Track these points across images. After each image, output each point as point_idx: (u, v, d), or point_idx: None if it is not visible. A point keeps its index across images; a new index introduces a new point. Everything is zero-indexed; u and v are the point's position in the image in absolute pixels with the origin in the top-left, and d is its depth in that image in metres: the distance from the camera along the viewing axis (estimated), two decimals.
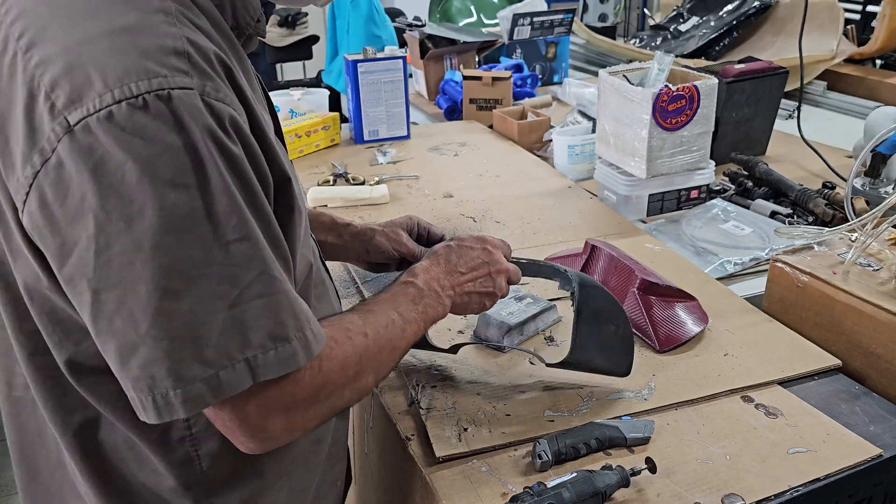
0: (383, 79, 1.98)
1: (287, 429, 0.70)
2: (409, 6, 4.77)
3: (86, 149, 0.57)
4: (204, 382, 0.61)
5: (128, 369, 0.61)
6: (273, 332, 0.64)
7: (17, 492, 0.88)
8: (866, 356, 1.06)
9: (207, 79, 0.61)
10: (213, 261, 0.60)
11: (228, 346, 0.61)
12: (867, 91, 2.29)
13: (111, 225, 0.58)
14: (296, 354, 0.65)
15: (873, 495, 0.92)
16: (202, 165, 0.59)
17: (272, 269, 0.64)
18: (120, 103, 0.57)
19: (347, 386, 0.74)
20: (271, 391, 0.66)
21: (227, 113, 0.62)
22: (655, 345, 1.09)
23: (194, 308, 0.60)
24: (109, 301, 0.60)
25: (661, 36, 2.87)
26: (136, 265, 0.58)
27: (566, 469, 0.86)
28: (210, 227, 0.60)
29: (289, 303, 0.66)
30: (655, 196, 1.56)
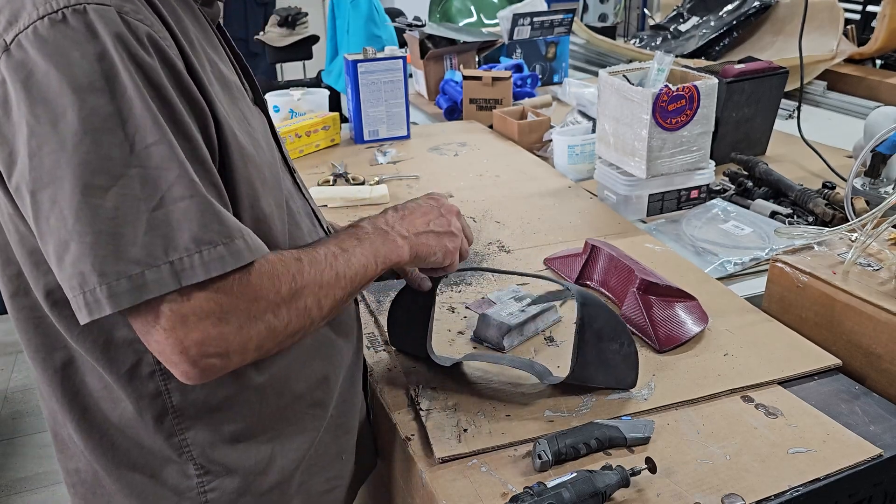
0: (383, 79, 1.98)
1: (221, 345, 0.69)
2: (409, 6, 4.77)
3: (19, 63, 0.64)
4: (129, 280, 0.64)
5: (62, 268, 0.65)
6: (197, 235, 0.66)
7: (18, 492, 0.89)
8: (866, 356, 1.06)
9: (127, 1, 0.67)
10: (132, 162, 0.64)
11: (152, 246, 0.64)
12: (867, 91, 2.29)
13: (40, 128, 0.63)
14: (222, 258, 0.67)
15: (873, 495, 0.92)
16: (116, 72, 0.64)
17: (191, 173, 0.67)
18: (42, 19, 0.63)
19: (283, 305, 0.73)
20: (198, 298, 0.67)
21: (144, 30, 0.67)
22: (655, 345, 1.09)
23: (118, 205, 0.64)
24: (44, 201, 0.64)
25: (661, 36, 2.87)
26: (62, 163, 0.63)
27: (566, 469, 0.86)
28: (127, 129, 0.64)
29: (214, 210, 0.67)
30: (655, 196, 1.56)
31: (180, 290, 0.66)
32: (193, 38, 0.74)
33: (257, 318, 0.71)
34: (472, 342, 1.12)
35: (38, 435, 2.64)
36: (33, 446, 2.59)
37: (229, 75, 0.81)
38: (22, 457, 2.54)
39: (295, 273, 0.75)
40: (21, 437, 2.64)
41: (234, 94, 0.80)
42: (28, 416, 2.75)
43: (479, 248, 1.43)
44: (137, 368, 0.77)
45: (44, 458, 2.53)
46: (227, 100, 0.77)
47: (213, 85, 0.75)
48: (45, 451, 2.56)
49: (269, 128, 0.89)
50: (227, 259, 0.67)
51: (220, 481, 0.83)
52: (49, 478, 2.45)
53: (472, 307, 1.21)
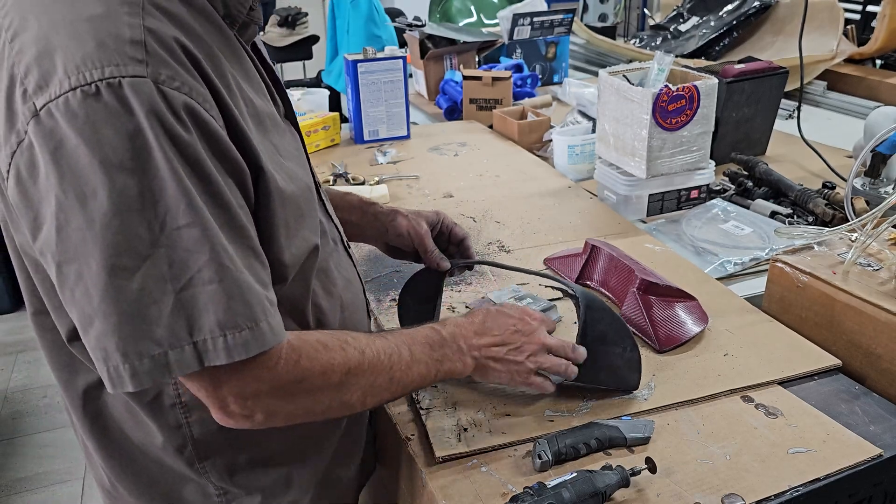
0: (383, 79, 1.98)
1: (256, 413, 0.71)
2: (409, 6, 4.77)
3: (48, 132, 0.61)
4: (151, 360, 0.64)
5: (87, 339, 0.65)
6: (222, 319, 0.65)
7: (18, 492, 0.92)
8: (866, 356, 1.06)
9: (163, 67, 0.64)
10: (161, 243, 0.63)
11: (176, 327, 0.64)
12: (867, 91, 2.29)
13: (68, 203, 0.62)
14: (246, 344, 0.66)
15: (873, 495, 0.92)
16: (149, 151, 0.62)
17: (223, 258, 0.66)
18: (75, 90, 0.61)
19: (328, 392, 0.75)
20: (243, 374, 0.68)
21: (182, 101, 0.64)
22: (655, 345, 1.09)
23: (144, 287, 0.63)
24: (70, 274, 0.64)
25: (661, 36, 2.87)
26: (89, 242, 0.62)
27: (566, 469, 0.86)
28: (158, 210, 0.63)
29: (241, 292, 0.67)
30: (655, 196, 1.56)
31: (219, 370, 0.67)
32: (230, 79, 0.72)
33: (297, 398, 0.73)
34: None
35: (38, 435, 2.64)
36: (33, 446, 2.59)
37: (262, 106, 0.78)
38: (22, 457, 2.54)
39: (351, 367, 0.76)
40: (21, 437, 2.64)
41: (266, 127, 0.78)
42: (28, 416, 2.75)
43: (479, 248, 1.43)
44: (159, 399, 0.78)
45: (44, 458, 2.53)
46: (261, 137, 0.75)
47: (252, 129, 0.73)
48: (45, 451, 2.56)
49: (300, 143, 0.87)
50: (251, 344, 0.67)
51: (240, 501, 0.85)
52: (49, 478, 2.45)
53: (473, 307, 1.21)
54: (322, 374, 0.73)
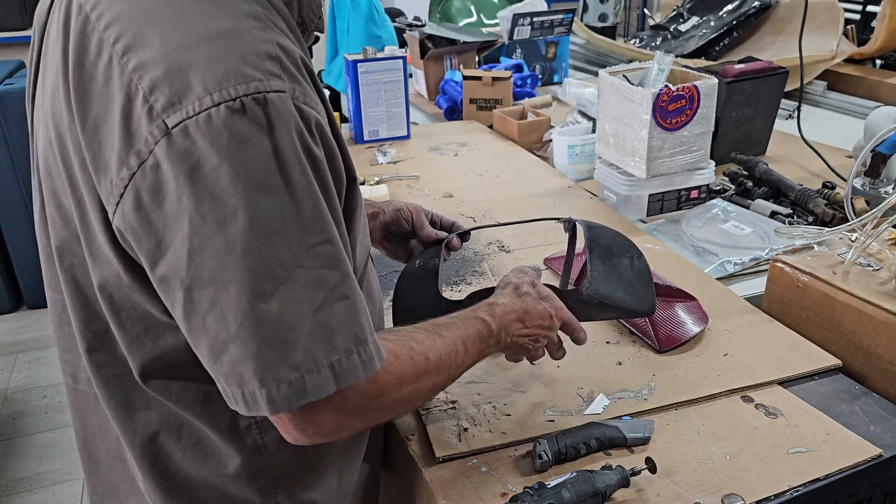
0: (383, 79, 1.98)
1: (335, 429, 0.70)
2: (409, 6, 4.77)
3: (183, 152, 0.58)
4: (289, 386, 0.61)
5: (219, 365, 0.63)
6: (356, 335, 0.64)
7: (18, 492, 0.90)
8: (866, 356, 1.06)
9: (296, 83, 0.62)
10: (300, 264, 0.61)
11: (315, 350, 0.62)
12: (867, 91, 2.29)
13: (205, 227, 0.59)
14: (372, 358, 0.66)
15: (873, 495, 0.92)
16: (291, 170, 0.60)
17: (350, 272, 0.65)
18: (219, 106, 0.57)
19: (401, 402, 0.74)
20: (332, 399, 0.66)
21: (314, 117, 0.63)
22: (655, 345, 1.09)
23: (282, 310, 0.61)
24: (203, 300, 0.61)
25: (661, 36, 2.87)
26: (228, 266, 0.59)
27: (566, 469, 0.86)
28: (298, 230, 0.61)
29: (363, 306, 0.66)
30: (655, 196, 1.56)
31: None
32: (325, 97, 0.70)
33: (375, 411, 0.72)
34: None
35: (38, 435, 2.64)
36: (33, 446, 2.59)
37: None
38: (22, 457, 2.54)
39: (421, 375, 0.75)
40: (21, 437, 2.64)
41: None
42: (28, 416, 2.75)
43: (479, 247, 1.43)
44: (235, 422, 0.76)
45: (44, 458, 2.53)
46: None
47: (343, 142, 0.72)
48: (45, 451, 2.56)
49: None
50: (375, 358, 0.66)
51: None
52: (49, 478, 2.45)
53: None
54: (396, 386, 0.72)
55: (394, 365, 0.71)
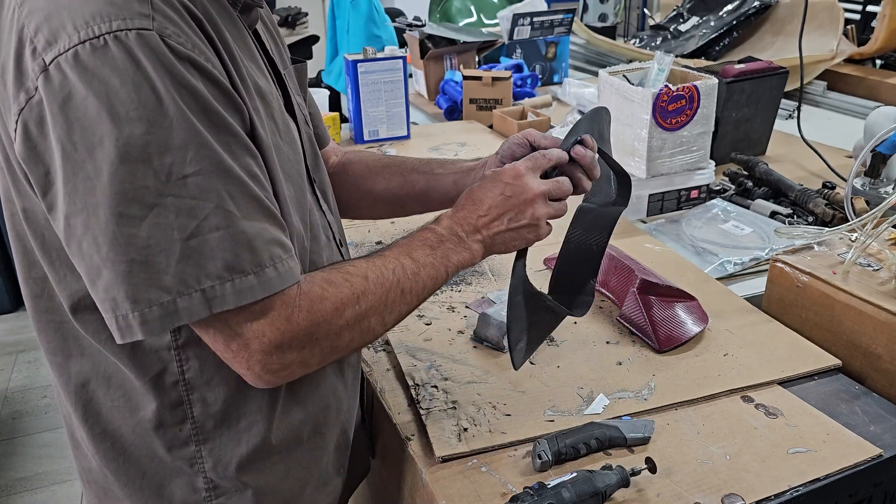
0: (383, 79, 1.98)
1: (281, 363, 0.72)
2: (409, 6, 4.77)
3: (57, 86, 0.63)
4: (161, 308, 0.65)
5: (95, 291, 0.67)
6: (229, 264, 0.67)
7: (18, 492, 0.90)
8: (866, 356, 1.06)
9: (169, 23, 0.66)
10: (168, 192, 0.64)
11: (185, 274, 0.65)
12: (867, 91, 2.29)
13: (76, 154, 0.63)
14: (252, 288, 0.68)
15: (873, 495, 0.92)
16: (158, 100, 0.63)
17: (228, 204, 0.67)
18: (84, 43, 0.63)
19: (347, 328, 0.75)
20: (262, 326, 0.69)
21: (186, 55, 0.66)
22: (655, 345, 1.09)
23: (151, 235, 0.64)
24: (77, 226, 0.65)
25: (661, 36, 2.87)
26: (97, 191, 0.63)
27: (566, 469, 0.86)
28: (164, 159, 0.64)
29: (247, 238, 0.68)
30: (655, 196, 1.56)
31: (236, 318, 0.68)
32: (233, 49, 0.74)
33: (320, 340, 0.74)
34: (472, 342, 1.12)
35: (38, 435, 2.64)
36: (33, 446, 2.59)
37: (265, 86, 0.80)
38: (22, 457, 2.54)
39: (360, 295, 0.76)
40: (21, 437, 2.64)
41: (271, 106, 0.80)
42: (28, 416, 2.75)
43: None
44: (162, 377, 0.78)
45: (44, 458, 2.53)
46: (266, 115, 0.77)
47: (254, 100, 0.75)
48: (45, 451, 2.56)
49: (297, 135, 0.88)
50: (257, 288, 0.68)
51: (227, 498, 0.83)
52: (49, 478, 2.45)
53: (472, 307, 1.21)
54: (335, 312, 0.74)
55: (328, 291, 0.74)
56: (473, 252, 0.86)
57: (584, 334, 1.13)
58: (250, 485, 0.84)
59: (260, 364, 0.71)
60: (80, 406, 0.81)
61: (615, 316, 1.17)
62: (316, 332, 0.73)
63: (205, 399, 0.79)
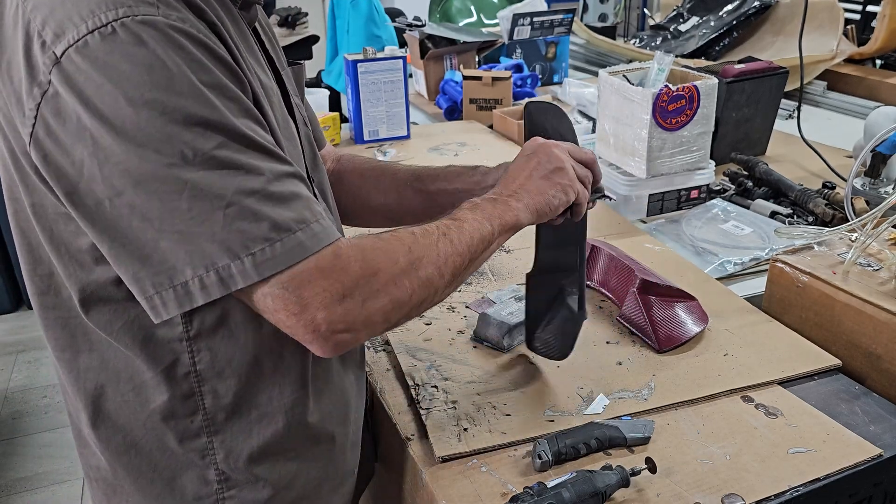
0: (383, 79, 1.98)
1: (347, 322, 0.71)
2: (409, 6, 4.77)
3: (71, 76, 0.64)
4: (216, 273, 0.66)
5: (149, 265, 0.67)
6: (274, 224, 0.68)
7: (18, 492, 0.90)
8: (866, 356, 1.06)
9: (173, 10, 0.67)
10: (196, 166, 0.65)
11: (230, 241, 0.66)
12: (867, 91, 2.29)
13: (103, 140, 0.64)
14: (302, 244, 0.68)
15: (873, 495, 0.92)
16: (171, 80, 0.65)
17: (257, 169, 0.68)
18: (92, 32, 0.64)
19: (404, 275, 0.75)
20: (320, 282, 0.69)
21: (194, 34, 0.67)
22: (655, 345, 1.09)
23: (191, 207, 0.65)
24: (123, 206, 0.66)
25: (661, 36, 2.87)
26: (132, 173, 0.65)
27: (566, 469, 0.86)
28: (187, 135, 0.65)
29: (284, 198, 0.69)
30: (655, 196, 1.56)
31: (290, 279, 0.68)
32: (232, 45, 0.75)
33: (380, 291, 0.73)
34: (473, 342, 1.12)
35: (38, 435, 2.64)
36: (33, 446, 2.59)
37: (266, 81, 0.81)
38: (22, 457, 2.54)
39: (411, 244, 0.77)
40: (21, 437, 2.64)
41: (271, 100, 0.80)
42: (28, 416, 2.75)
43: None
44: (174, 368, 0.78)
45: (44, 458, 2.53)
46: (266, 103, 0.78)
47: (257, 89, 0.76)
48: (45, 451, 2.56)
49: (296, 133, 0.89)
50: (306, 243, 0.69)
51: (239, 491, 0.83)
52: (49, 478, 2.45)
53: (472, 306, 1.21)
54: (389, 259, 0.74)
55: (377, 243, 0.75)
56: (512, 207, 0.87)
57: (584, 334, 1.13)
58: (263, 478, 0.84)
59: (326, 322, 0.70)
60: (91, 401, 0.81)
61: (615, 316, 1.17)
62: (374, 281, 0.72)
63: (216, 391, 0.80)
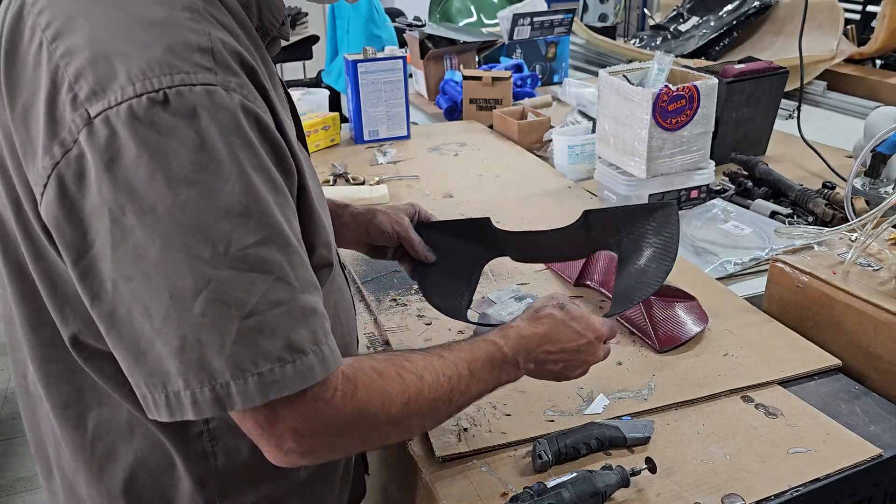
0: (383, 79, 1.98)
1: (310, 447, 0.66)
2: (409, 6, 4.77)
3: (104, 141, 0.57)
4: (212, 391, 0.59)
5: (143, 363, 0.60)
6: (290, 343, 0.61)
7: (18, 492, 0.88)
8: (866, 356, 1.06)
9: (232, 75, 0.60)
10: (226, 264, 0.58)
11: (240, 356, 0.59)
12: (867, 91, 2.29)
13: (125, 219, 0.57)
14: (312, 368, 0.62)
15: (873, 495, 0.92)
16: (219, 163, 0.58)
17: (290, 277, 0.62)
18: (140, 97, 0.56)
19: (391, 424, 0.70)
20: (301, 408, 0.63)
21: (252, 110, 0.61)
22: (655, 345, 1.09)
23: (205, 311, 0.58)
24: (126, 293, 0.59)
25: (661, 36, 2.87)
26: (148, 261, 0.57)
27: (566, 469, 0.86)
28: (224, 227, 0.58)
29: (305, 314, 0.63)
30: (655, 196, 1.56)
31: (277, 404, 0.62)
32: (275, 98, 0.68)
33: (359, 433, 0.69)
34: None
35: None
36: None
37: (288, 121, 0.73)
38: (22, 457, 2.54)
39: (412, 396, 0.71)
40: (21, 437, 2.64)
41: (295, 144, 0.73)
42: None
43: None
44: (185, 427, 0.73)
45: None
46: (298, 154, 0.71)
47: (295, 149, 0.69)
48: None
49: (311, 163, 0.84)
50: (317, 369, 0.62)
51: None
52: None
53: (472, 306, 1.21)
54: (381, 406, 0.68)
55: (376, 381, 0.68)
56: (519, 375, 0.85)
57: None
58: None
59: (290, 443, 0.64)
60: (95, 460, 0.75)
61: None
62: (355, 422, 0.67)
63: (229, 448, 0.75)
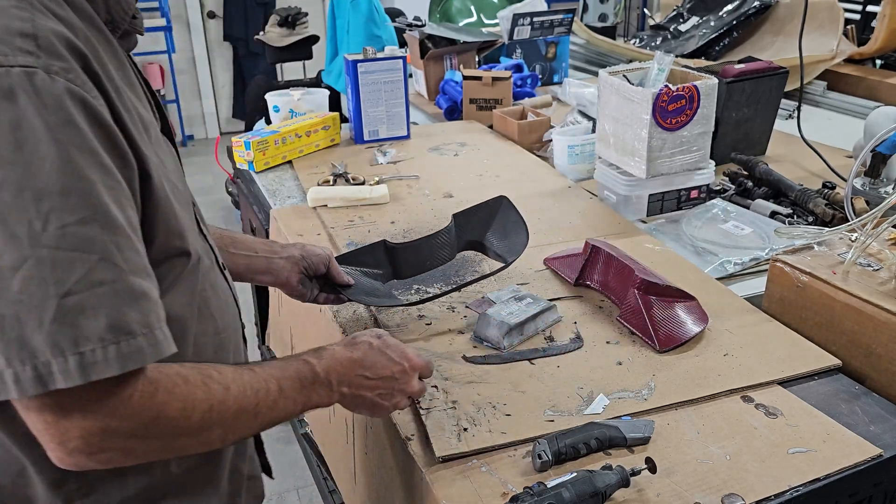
0: (383, 79, 1.98)
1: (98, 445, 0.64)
2: (409, 6, 4.77)
3: None
4: (34, 369, 0.59)
5: None
6: (114, 324, 0.61)
7: None
8: (866, 356, 1.06)
9: (57, 59, 0.62)
10: (44, 242, 0.59)
11: (59, 335, 0.59)
12: (867, 91, 2.29)
13: None
14: (141, 351, 0.62)
15: (873, 495, 0.92)
16: (38, 142, 0.59)
17: (115, 258, 0.62)
18: None
19: (188, 433, 0.69)
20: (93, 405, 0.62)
21: (79, 94, 0.62)
22: (655, 345, 1.09)
23: (23, 289, 0.58)
24: None
25: (661, 36, 2.87)
26: None
27: (566, 469, 0.86)
28: (43, 206, 0.59)
29: (134, 296, 0.62)
30: (655, 196, 1.56)
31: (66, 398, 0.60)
32: (116, 83, 0.70)
33: (154, 438, 0.67)
34: (472, 342, 1.12)
35: None
36: None
37: (145, 114, 0.76)
38: None
39: (215, 404, 0.70)
40: None
41: (152, 137, 0.75)
42: None
43: None
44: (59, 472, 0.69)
45: None
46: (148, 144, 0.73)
47: (143, 135, 0.71)
48: None
49: (178, 159, 0.85)
50: (146, 352, 0.62)
51: None
52: None
53: (472, 307, 1.21)
54: (181, 411, 0.67)
55: (180, 387, 0.68)
56: (332, 399, 0.84)
57: (584, 334, 1.13)
58: None
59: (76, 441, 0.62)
60: None
61: (615, 316, 1.17)
62: (153, 426, 0.66)
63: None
